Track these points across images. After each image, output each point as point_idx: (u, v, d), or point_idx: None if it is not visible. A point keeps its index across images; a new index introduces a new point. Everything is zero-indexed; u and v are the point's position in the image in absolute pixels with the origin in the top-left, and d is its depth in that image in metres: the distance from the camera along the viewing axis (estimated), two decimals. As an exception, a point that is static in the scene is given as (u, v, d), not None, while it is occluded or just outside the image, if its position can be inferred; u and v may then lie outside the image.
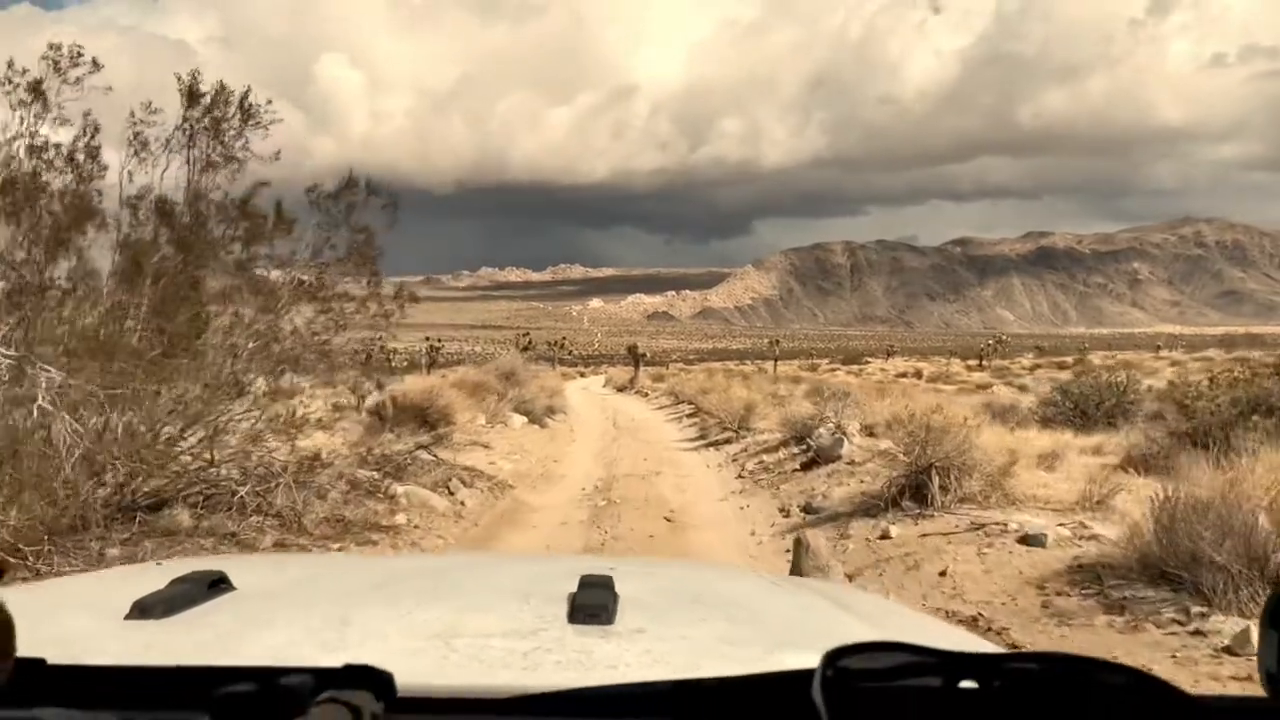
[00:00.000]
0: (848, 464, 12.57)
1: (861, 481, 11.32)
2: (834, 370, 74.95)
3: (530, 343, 73.09)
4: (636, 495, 13.34)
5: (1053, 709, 0.94)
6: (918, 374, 71.32)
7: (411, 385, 18.41)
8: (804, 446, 14.56)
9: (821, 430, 13.93)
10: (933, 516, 8.76)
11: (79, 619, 1.55)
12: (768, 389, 24.62)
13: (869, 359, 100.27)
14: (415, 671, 1.21)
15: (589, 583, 1.67)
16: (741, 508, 12.21)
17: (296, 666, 1.06)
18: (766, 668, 1.09)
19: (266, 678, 1.00)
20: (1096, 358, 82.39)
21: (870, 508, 9.56)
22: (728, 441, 19.33)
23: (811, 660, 0.96)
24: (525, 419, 23.44)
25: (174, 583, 1.63)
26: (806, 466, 13.30)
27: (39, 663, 1.08)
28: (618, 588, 1.65)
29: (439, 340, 73.33)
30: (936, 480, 8.85)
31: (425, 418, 16.83)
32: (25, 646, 0.94)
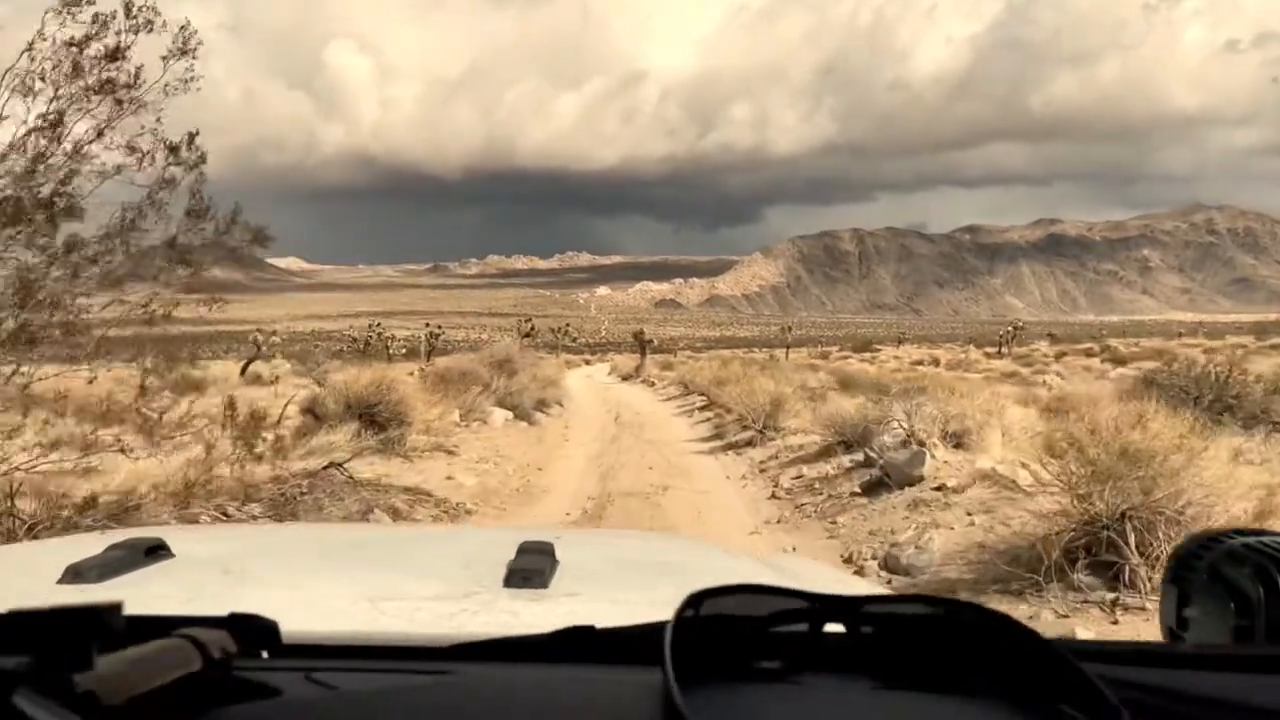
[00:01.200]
0: (935, 489, 8.97)
1: (971, 522, 7.67)
2: (846, 358, 71.91)
3: (532, 329, 70.25)
4: (637, 524, 9.89)
5: (918, 652, 0.98)
6: (935, 362, 68.17)
7: (361, 374, 14.81)
8: (859, 458, 11.06)
9: (886, 438, 10.40)
10: (1144, 609, 5.21)
11: (11, 583, 1.55)
12: (796, 379, 20.93)
13: (879, 347, 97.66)
14: (337, 628, 1.24)
15: (528, 549, 1.67)
16: (785, 550, 8.67)
17: (178, 615, 1.03)
18: None
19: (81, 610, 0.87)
20: (1116, 345, 79.10)
21: (1007, 577, 5.94)
22: (751, 444, 15.82)
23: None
24: (510, 415, 19.96)
25: (110, 549, 1.61)
26: (870, 489, 9.71)
27: None
28: (560, 555, 1.65)
29: (439, 327, 70.80)
30: (1133, 538, 5.29)
31: (373, 416, 13.35)
32: None
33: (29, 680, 0.72)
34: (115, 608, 0.80)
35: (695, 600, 0.97)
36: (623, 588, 1.62)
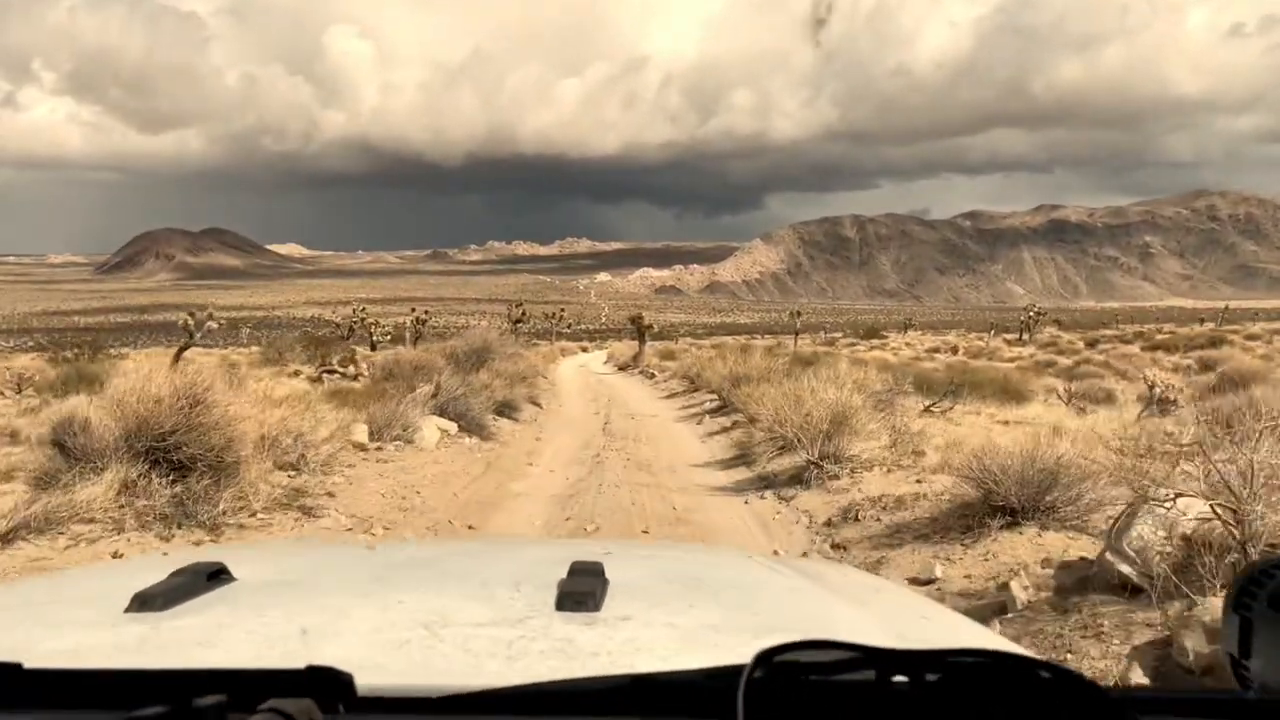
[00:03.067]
0: None
1: None
2: (853, 345, 66.77)
3: (523, 314, 65.64)
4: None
5: (983, 705, 0.99)
6: (953, 349, 62.96)
7: (154, 376, 9.00)
8: (1066, 554, 5.52)
9: (1142, 530, 4.81)
10: None
11: (81, 611, 1.57)
12: (856, 377, 14.97)
13: (886, 333, 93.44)
14: (399, 662, 1.28)
15: (579, 570, 1.68)
16: None
17: (259, 669, 1.08)
18: (750, 654, 1.14)
19: (188, 691, 1.01)
20: (1138, 330, 73.61)
21: None
22: (800, 482, 10.30)
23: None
24: (453, 428, 14.42)
25: (173, 575, 1.63)
26: (1171, 668, 4.03)
27: (15, 668, 1.09)
28: (609, 574, 1.67)
29: (426, 313, 66.63)
30: None
31: (168, 453, 7.78)
32: (29, 638, 0.99)
33: None
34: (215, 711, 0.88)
35: (765, 659, 0.98)
36: (674, 610, 1.60)
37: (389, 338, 56.97)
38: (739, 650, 1.19)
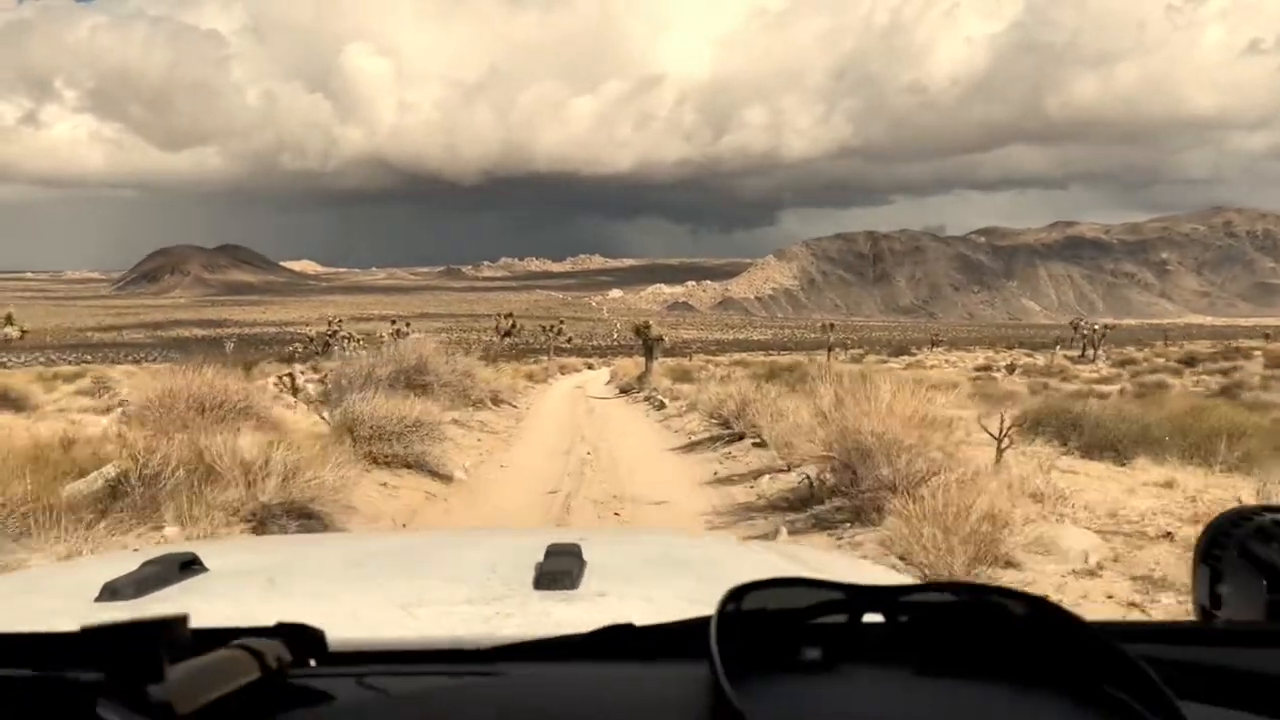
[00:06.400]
0: None
1: None
2: (884, 363, 59.26)
3: (513, 326, 58.67)
4: None
5: (957, 639, 0.98)
6: (1010, 368, 54.89)
7: None
8: None
9: None
10: None
11: (49, 602, 1.55)
12: None
13: (916, 351, 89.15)
14: (374, 635, 1.26)
15: (555, 551, 1.67)
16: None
17: (223, 627, 1.03)
18: None
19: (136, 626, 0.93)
20: (1204, 347, 65.81)
21: None
22: None
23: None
24: None
25: (145, 565, 1.61)
26: None
27: None
28: (587, 556, 1.66)
29: (408, 324, 59.76)
30: None
31: None
32: None
33: (108, 692, 0.75)
34: (182, 620, 0.83)
35: (737, 594, 0.96)
36: (651, 585, 1.59)
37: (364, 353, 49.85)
38: None
